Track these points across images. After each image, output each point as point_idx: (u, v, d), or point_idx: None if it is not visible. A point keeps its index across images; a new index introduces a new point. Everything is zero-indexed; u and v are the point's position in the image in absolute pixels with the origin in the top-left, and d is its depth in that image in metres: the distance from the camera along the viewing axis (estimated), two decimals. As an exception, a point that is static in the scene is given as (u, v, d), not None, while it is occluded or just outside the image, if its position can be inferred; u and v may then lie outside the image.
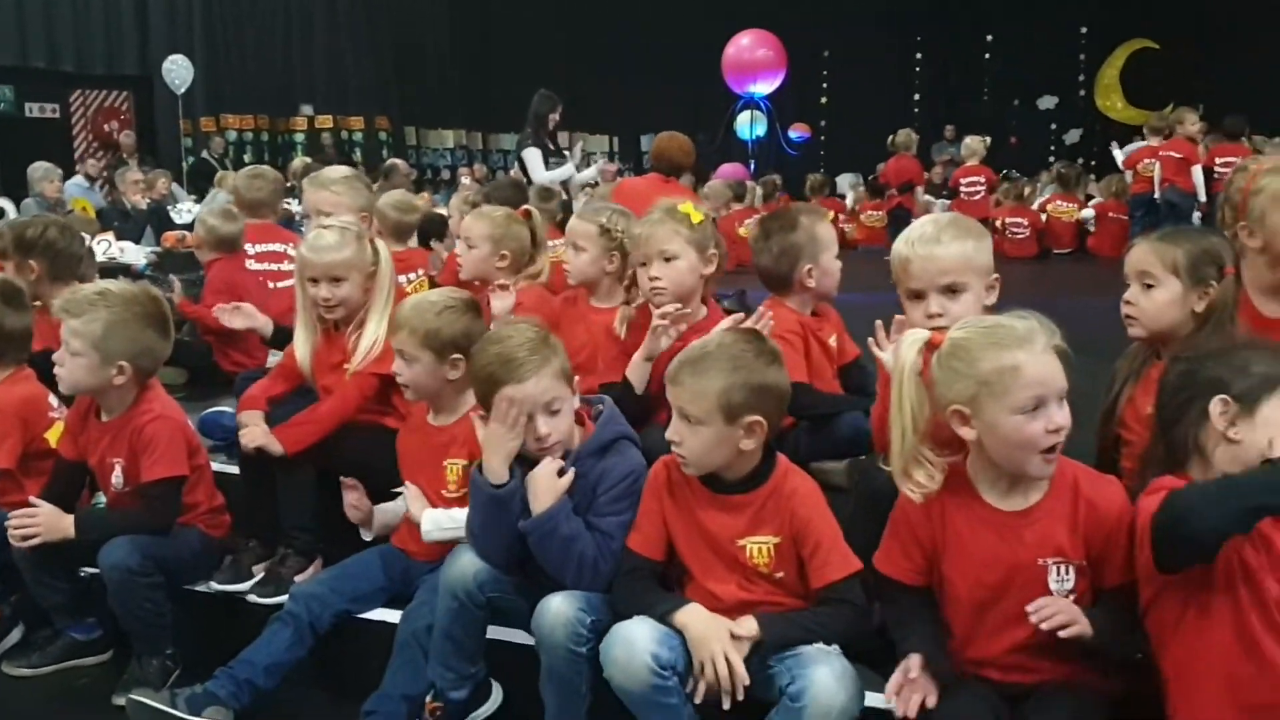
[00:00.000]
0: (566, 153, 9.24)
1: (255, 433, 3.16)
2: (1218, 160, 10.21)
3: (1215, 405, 2.06)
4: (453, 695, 2.64)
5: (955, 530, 2.20)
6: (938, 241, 2.60)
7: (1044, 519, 2.15)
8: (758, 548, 2.38)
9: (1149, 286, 2.58)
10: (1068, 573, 2.14)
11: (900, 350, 2.20)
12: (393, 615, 2.88)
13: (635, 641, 2.29)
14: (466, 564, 2.56)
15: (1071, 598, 2.14)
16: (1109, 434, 2.73)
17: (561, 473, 2.52)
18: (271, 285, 4.35)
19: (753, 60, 13.14)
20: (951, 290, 2.57)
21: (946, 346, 2.15)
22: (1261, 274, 2.83)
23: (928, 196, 12.52)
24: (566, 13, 18.17)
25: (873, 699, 2.28)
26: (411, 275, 4.41)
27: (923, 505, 2.21)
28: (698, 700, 2.25)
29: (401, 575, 2.99)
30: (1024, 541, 2.15)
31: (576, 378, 2.65)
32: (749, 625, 2.27)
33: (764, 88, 13.38)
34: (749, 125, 13.76)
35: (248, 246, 4.74)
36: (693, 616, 2.31)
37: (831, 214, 9.78)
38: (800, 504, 2.36)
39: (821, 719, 2.16)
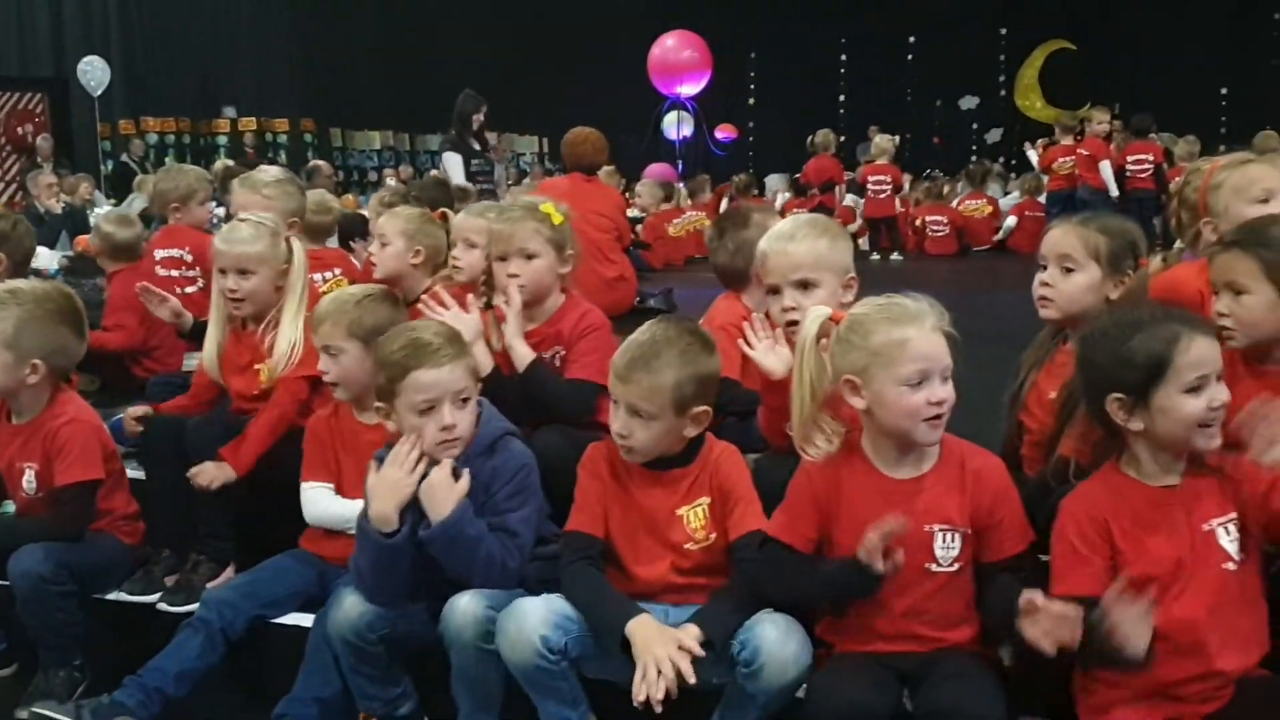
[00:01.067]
0: (491, 153, 9.23)
1: (208, 470, 3.09)
2: (1128, 158, 10.48)
3: (1111, 405, 2.13)
4: (399, 715, 2.66)
5: (849, 497, 2.27)
6: (792, 239, 2.72)
7: (932, 488, 2.23)
8: (693, 513, 2.46)
9: (1069, 270, 2.64)
10: (953, 540, 2.22)
11: (804, 325, 2.33)
12: (307, 619, 2.85)
13: (526, 620, 2.34)
14: (350, 609, 2.55)
15: (956, 565, 2.23)
16: (1014, 419, 2.81)
17: (456, 475, 2.51)
18: (180, 290, 4.27)
19: (678, 61, 13.20)
20: (804, 285, 2.67)
21: (846, 322, 2.26)
22: None
23: (851, 195, 12.68)
24: (494, 14, 18.11)
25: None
26: (327, 274, 4.37)
27: (819, 474, 2.29)
28: (637, 701, 2.24)
29: (317, 579, 2.96)
30: (912, 509, 2.22)
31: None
32: (692, 631, 2.29)
33: (690, 89, 13.45)
34: (676, 126, 13.81)
35: (156, 252, 4.64)
36: (639, 626, 2.32)
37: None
38: (724, 462, 2.48)
39: (779, 673, 2.22)
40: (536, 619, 2.33)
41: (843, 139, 16.37)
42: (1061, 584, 2.14)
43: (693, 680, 2.22)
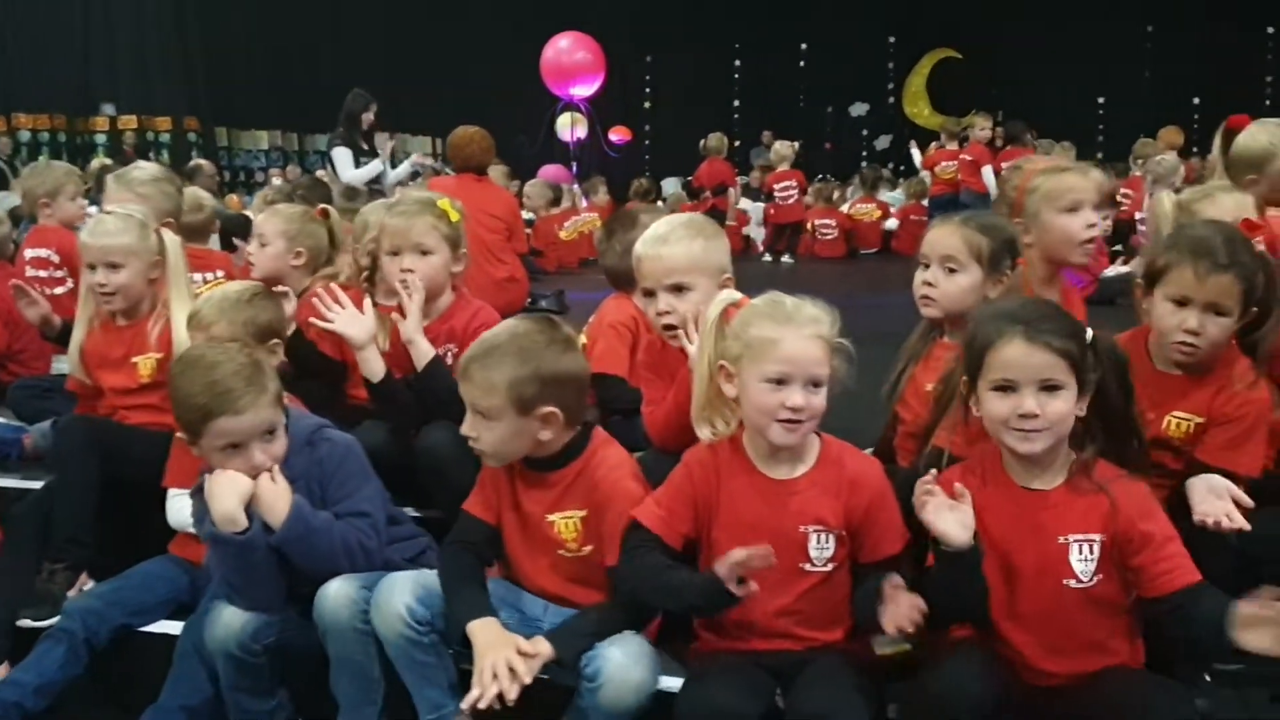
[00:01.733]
0: (381, 154, 9.08)
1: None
2: (1004, 164, 10.78)
3: (964, 387, 2.21)
4: None
5: (729, 494, 2.28)
6: (665, 242, 2.71)
7: (808, 489, 2.26)
8: (565, 522, 2.42)
9: (952, 270, 2.70)
10: (827, 540, 2.25)
11: (710, 307, 2.36)
12: (176, 627, 2.77)
13: (393, 592, 2.33)
14: (232, 620, 2.48)
15: (830, 566, 2.25)
16: (890, 411, 2.86)
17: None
18: (47, 292, 4.12)
19: (571, 63, 13.17)
20: (679, 289, 2.67)
21: (744, 309, 2.31)
22: (1037, 268, 2.97)
23: (744, 199, 12.81)
24: (386, 13, 17.85)
25: (667, 682, 2.32)
26: (209, 275, 4.26)
27: (700, 469, 2.30)
28: (463, 706, 2.24)
29: (188, 586, 2.89)
30: (789, 508, 2.25)
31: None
32: (540, 645, 2.27)
33: (583, 90, 13.43)
34: (570, 128, 13.79)
35: (26, 252, 4.48)
36: (481, 628, 2.29)
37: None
38: (607, 475, 2.40)
39: (617, 697, 2.20)
40: (403, 590, 2.33)
41: (737, 143, 16.55)
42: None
43: (528, 680, 2.20)
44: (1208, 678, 2.48)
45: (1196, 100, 16.48)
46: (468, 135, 6.42)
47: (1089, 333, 2.18)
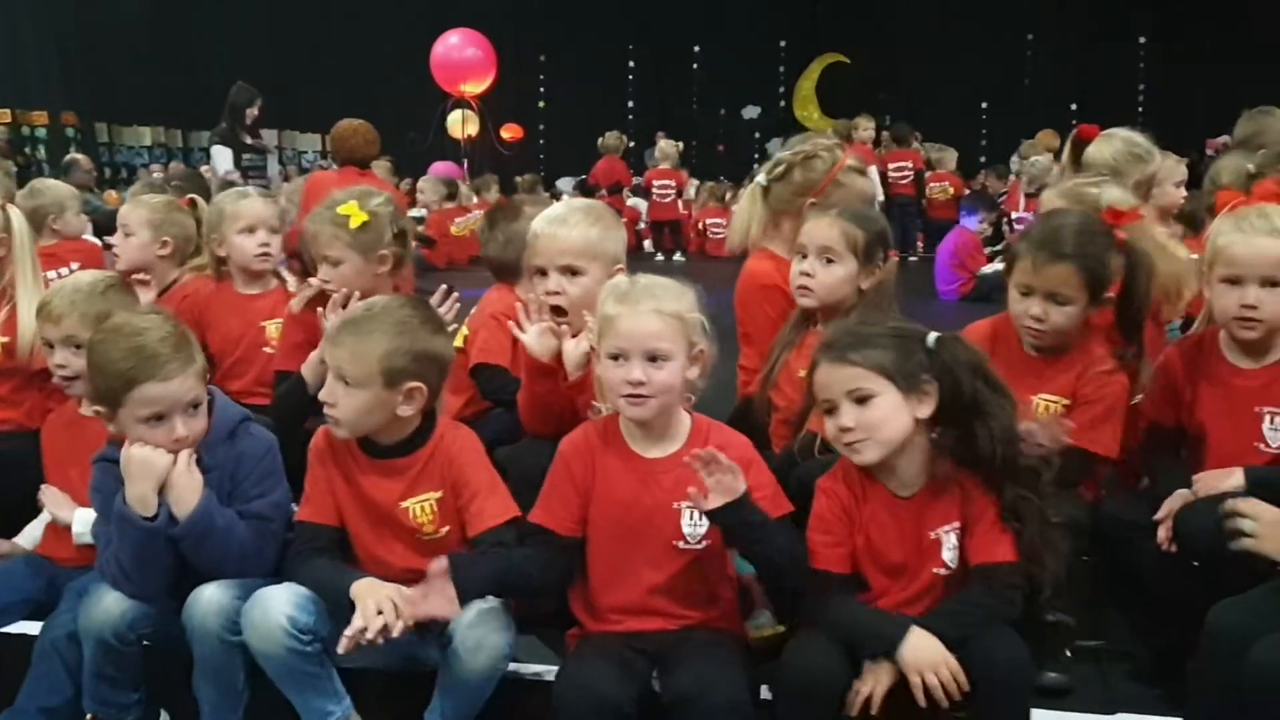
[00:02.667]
0: (268, 147, 8.93)
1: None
2: (890, 165, 11.06)
3: None
4: None
5: (604, 474, 2.31)
6: (564, 223, 2.74)
7: (680, 466, 2.26)
8: (419, 507, 2.40)
9: (830, 261, 2.76)
10: (700, 518, 2.26)
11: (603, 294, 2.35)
12: (35, 627, 2.66)
13: (271, 604, 2.27)
14: (112, 606, 2.39)
15: (704, 543, 2.28)
16: (765, 398, 2.90)
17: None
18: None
19: (461, 60, 13.05)
20: (571, 271, 2.68)
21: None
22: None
23: (637, 199, 12.87)
24: (274, 6, 17.50)
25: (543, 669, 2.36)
26: (64, 270, 4.12)
27: (575, 455, 2.32)
28: (346, 635, 2.20)
29: (47, 584, 2.77)
30: (662, 486, 2.27)
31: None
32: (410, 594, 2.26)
33: (474, 87, 13.32)
34: (461, 124, 13.67)
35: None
36: (364, 584, 2.28)
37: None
38: (458, 454, 2.42)
39: (469, 658, 2.23)
40: (282, 601, 2.27)
41: (632, 144, 16.60)
42: (815, 560, 2.25)
43: (409, 618, 2.19)
44: (1068, 653, 2.56)
45: (1074, 106, 17.03)
46: (351, 128, 6.34)
47: (931, 337, 2.25)
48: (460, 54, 12.96)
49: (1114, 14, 17.86)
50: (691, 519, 2.27)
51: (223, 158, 8.13)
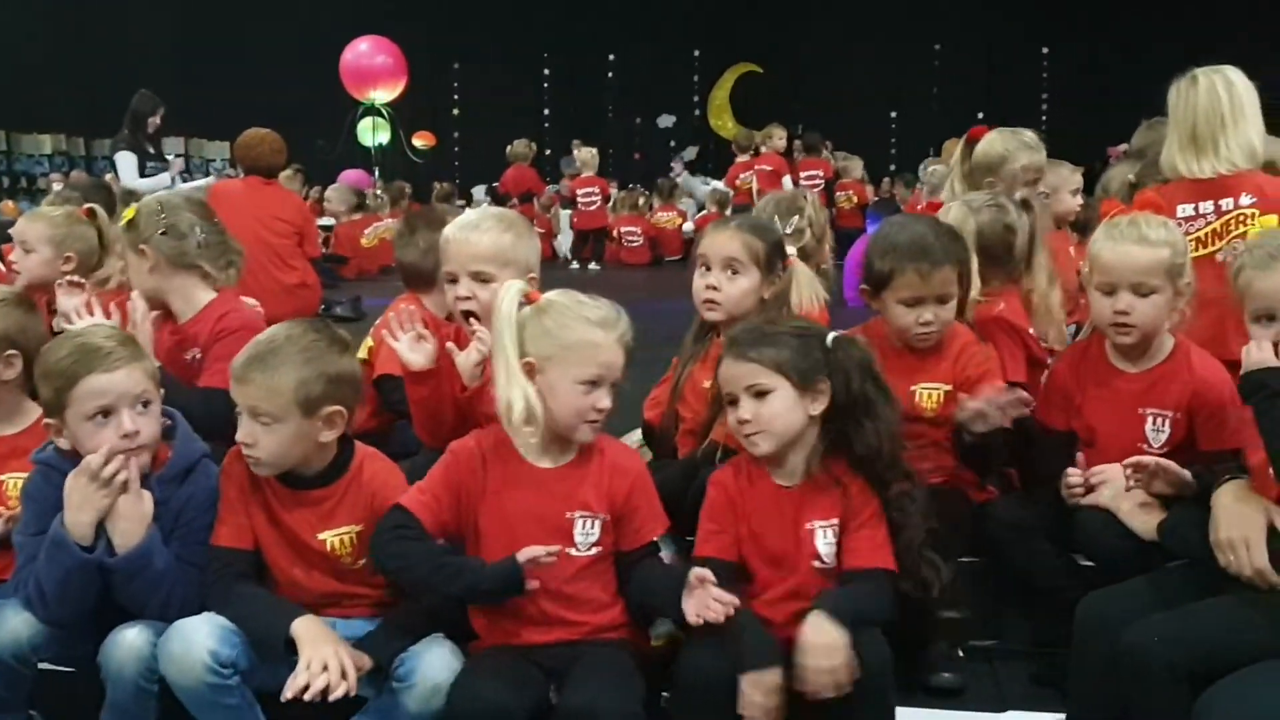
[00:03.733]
0: (170, 158, 8.75)
1: None
2: (801, 174, 11.20)
3: None
4: None
5: (495, 483, 2.29)
6: (477, 228, 2.72)
7: (574, 476, 2.30)
8: (338, 539, 2.37)
9: (734, 273, 2.79)
10: (592, 526, 2.29)
11: (501, 301, 2.28)
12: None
13: (192, 637, 2.21)
14: (20, 628, 2.31)
15: (596, 550, 2.30)
16: (672, 410, 2.92)
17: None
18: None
19: (371, 67, 12.91)
20: (483, 278, 2.66)
21: (543, 304, 2.29)
22: None
23: (556, 207, 12.87)
24: (180, 12, 17.13)
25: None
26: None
27: (467, 458, 2.30)
28: (287, 694, 2.16)
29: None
30: (556, 496, 2.28)
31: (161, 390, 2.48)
32: (361, 659, 2.23)
33: (385, 95, 13.18)
34: (371, 132, 13.52)
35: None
36: (305, 624, 2.24)
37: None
38: (380, 487, 2.38)
39: (424, 697, 2.18)
40: (203, 634, 2.21)
41: (547, 152, 16.61)
42: (700, 548, 2.34)
43: (353, 689, 2.16)
44: (960, 653, 2.63)
45: (981, 115, 17.42)
46: (257, 137, 6.25)
47: (829, 337, 2.34)
48: (370, 61, 12.81)
49: (1019, 24, 18.34)
50: (584, 528, 2.29)
51: (128, 165, 7.93)
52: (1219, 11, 16.31)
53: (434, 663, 2.21)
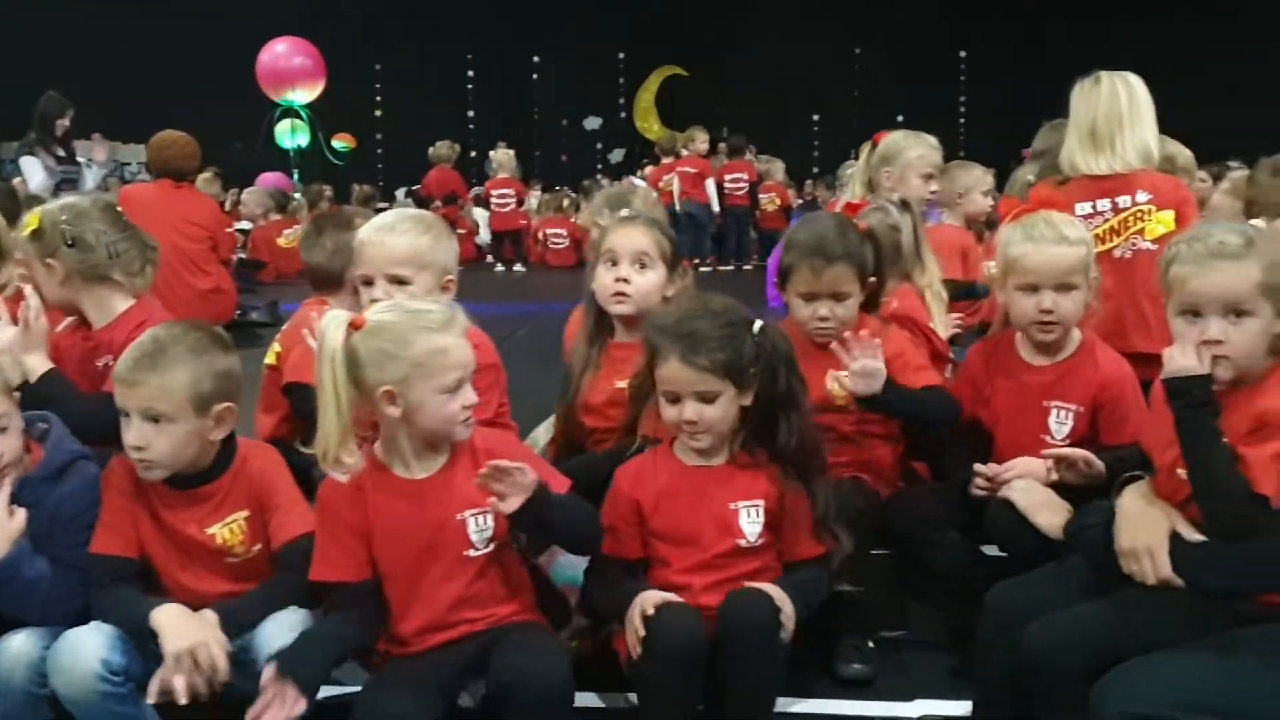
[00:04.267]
0: (82, 161, 8.54)
1: None
2: (726, 177, 11.28)
3: None
4: None
5: (376, 509, 2.25)
6: (393, 231, 2.70)
7: (453, 477, 2.27)
8: (228, 529, 2.34)
9: (644, 267, 2.80)
10: (486, 522, 2.26)
11: (325, 334, 2.16)
12: None
13: (82, 647, 2.17)
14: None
15: (492, 545, 2.27)
16: (575, 422, 2.91)
17: (12, 506, 2.25)
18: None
19: (289, 68, 12.72)
20: (399, 281, 2.64)
21: (371, 328, 2.18)
22: None
23: (477, 209, 12.80)
24: (91, 10, 16.74)
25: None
26: None
27: (348, 494, 2.23)
28: (151, 700, 2.13)
29: None
30: (439, 501, 2.25)
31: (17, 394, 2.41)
32: (210, 617, 2.21)
33: (304, 96, 13.01)
34: (290, 134, 13.32)
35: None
36: (165, 612, 2.20)
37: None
38: (260, 472, 2.37)
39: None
40: (94, 644, 2.17)
41: (472, 154, 16.50)
42: (608, 545, 2.39)
43: (224, 678, 2.13)
44: (871, 644, 2.67)
45: (900, 119, 17.70)
46: (170, 139, 6.15)
47: (756, 325, 2.37)
48: (288, 62, 12.64)
49: (936, 29, 18.67)
50: (478, 524, 2.26)
51: (34, 171, 7.73)
52: (1129, 13, 16.81)
53: (273, 636, 2.17)
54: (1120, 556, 2.11)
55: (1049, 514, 2.33)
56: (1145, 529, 2.07)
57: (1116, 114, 3.39)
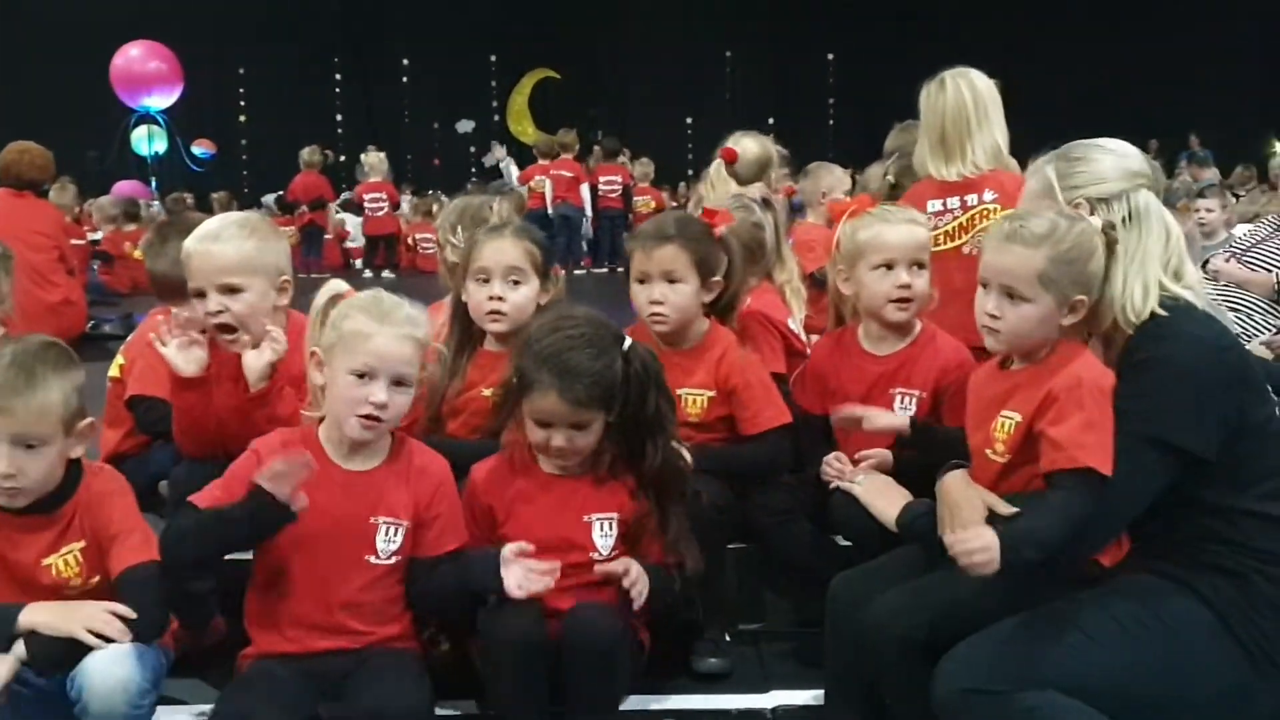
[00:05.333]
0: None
1: None
2: (600, 179, 11.32)
3: None
4: None
5: (304, 488, 2.18)
6: (218, 239, 2.63)
7: (381, 480, 2.27)
8: (63, 560, 2.23)
9: (516, 283, 2.77)
10: (395, 534, 2.27)
11: (318, 296, 2.32)
12: None
13: None
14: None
15: (395, 558, 2.27)
16: (437, 425, 2.88)
17: None
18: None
19: (145, 73, 12.32)
20: (230, 290, 2.58)
21: (346, 300, 2.30)
22: None
23: (344, 214, 12.59)
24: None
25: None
26: None
27: (272, 459, 2.18)
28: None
29: None
30: (363, 499, 2.26)
31: None
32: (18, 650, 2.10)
33: (160, 102, 12.60)
34: (147, 140, 12.90)
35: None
36: (39, 612, 2.11)
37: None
38: (98, 500, 2.27)
39: (104, 705, 2.05)
40: None
41: (342, 158, 16.21)
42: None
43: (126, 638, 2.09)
44: (727, 637, 2.70)
45: (771, 120, 18.00)
46: (19, 149, 5.97)
47: (626, 343, 2.39)
48: (143, 67, 12.23)
49: (804, 32, 19.03)
50: (386, 534, 2.25)
51: None
52: (985, 12, 17.42)
53: (100, 665, 2.06)
54: (944, 538, 2.19)
55: (885, 504, 2.39)
56: (963, 511, 2.15)
57: (964, 118, 3.48)
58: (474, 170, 19.81)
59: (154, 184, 12.94)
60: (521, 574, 2.19)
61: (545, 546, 2.33)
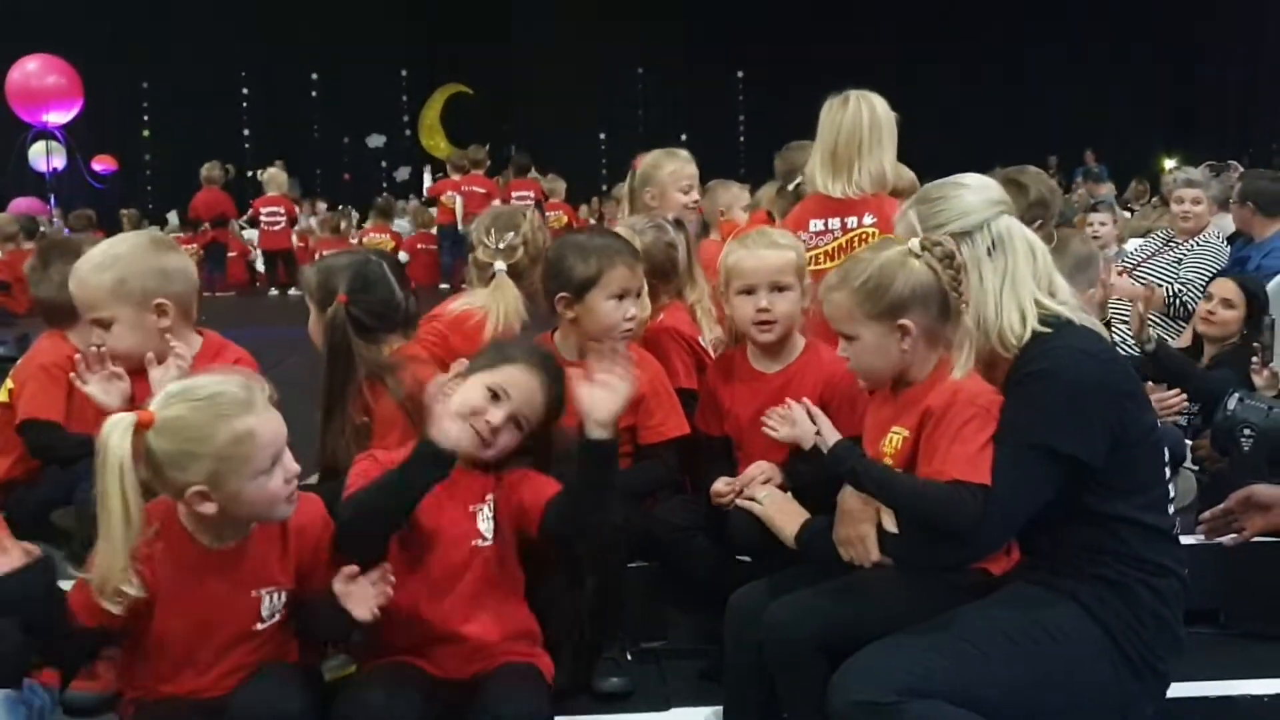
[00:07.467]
0: None
1: None
2: (513, 194, 11.30)
3: None
4: None
5: (167, 579, 2.10)
6: (78, 275, 2.63)
7: (255, 552, 2.16)
8: None
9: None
10: (279, 599, 2.18)
11: (109, 441, 1.93)
12: None
13: None
14: None
15: (278, 617, 2.18)
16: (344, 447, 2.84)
17: None
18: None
19: (42, 87, 11.98)
20: (103, 324, 2.57)
21: (161, 426, 1.98)
22: None
23: (247, 230, 12.39)
24: None
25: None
26: None
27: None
28: None
29: None
30: (237, 576, 2.14)
31: None
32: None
33: (59, 117, 12.26)
34: (45, 157, 12.53)
35: None
36: None
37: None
38: None
39: None
40: None
41: (249, 174, 15.96)
42: None
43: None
44: (629, 656, 2.72)
45: (684, 136, 18.14)
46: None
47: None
48: (40, 81, 11.90)
49: (713, 51, 19.25)
50: (271, 602, 2.16)
51: None
52: (890, 33, 17.80)
53: None
54: (838, 545, 2.27)
55: (785, 520, 2.44)
56: (856, 519, 2.23)
57: (857, 139, 3.53)
58: (385, 185, 19.64)
59: (53, 201, 12.58)
60: (362, 596, 2.09)
61: (433, 536, 2.31)
